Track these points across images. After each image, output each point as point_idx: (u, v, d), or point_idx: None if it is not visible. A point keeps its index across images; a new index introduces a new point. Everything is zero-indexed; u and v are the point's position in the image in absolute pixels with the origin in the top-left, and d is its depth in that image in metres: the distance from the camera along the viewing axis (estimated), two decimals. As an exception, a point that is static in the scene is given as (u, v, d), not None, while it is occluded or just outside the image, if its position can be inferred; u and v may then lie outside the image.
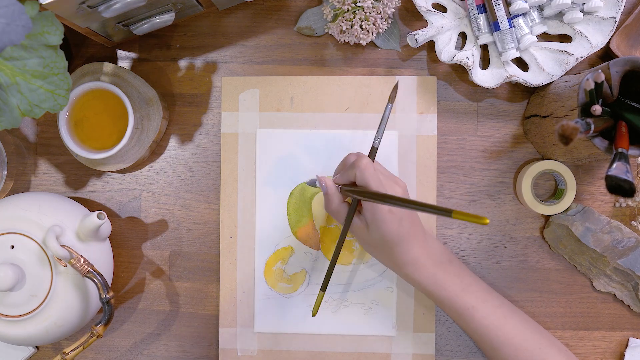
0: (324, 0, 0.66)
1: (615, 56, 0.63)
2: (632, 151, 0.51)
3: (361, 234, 0.57)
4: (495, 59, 0.64)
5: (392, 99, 0.59)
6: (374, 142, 0.59)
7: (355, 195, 0.55)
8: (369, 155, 0.58)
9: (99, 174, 0.68)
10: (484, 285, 0.59)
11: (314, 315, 0.58)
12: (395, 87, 0.60)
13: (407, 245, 0.56)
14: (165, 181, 0.68)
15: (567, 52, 0.62)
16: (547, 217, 0.66)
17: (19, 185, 0.68)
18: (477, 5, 0.63)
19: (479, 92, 0.67)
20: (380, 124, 0.59)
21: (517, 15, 0.62)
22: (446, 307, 0.58)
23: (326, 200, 0.58)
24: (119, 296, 0.68)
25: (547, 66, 0.63)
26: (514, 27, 0.62)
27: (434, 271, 0.57)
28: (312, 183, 0.62)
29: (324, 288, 0.59)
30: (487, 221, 0.38)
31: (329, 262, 0.61)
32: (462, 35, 0.66)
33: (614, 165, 0.48)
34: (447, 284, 0.57)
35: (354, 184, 0.56)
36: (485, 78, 0.64)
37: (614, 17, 0.61)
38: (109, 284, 0.62)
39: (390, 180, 0.56)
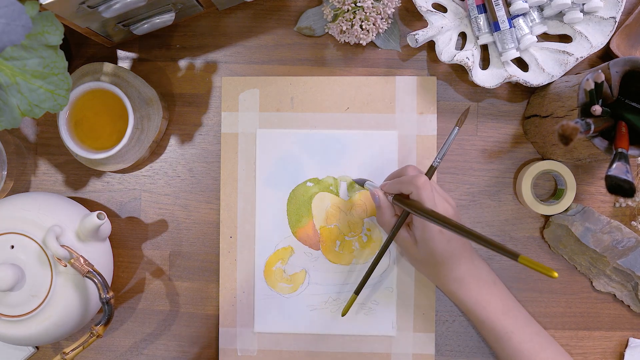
0: (324, 0, 0.66)
1: (615, 56, 0.63)
2: (632, 151, 0.51)
3: (408, 248, 0.58)
4: (495, 59, 0.64)
5: (460, 122, 0.59)
6: (433, 161, 0.59)
7: (411, 211, 0.55)
8: (427, 174, 0.58)
9: (99, 174, 0.68)
10: (524, 311, 0.60)
11: (343, 315, 0.60)
12: (466, 112, 0.60)
13: (453, 264, 0.57)
14: (165, 181, 0.68)
15: (567, 52, 0.62)
16: (547, 217, 0.66)
17: (19, 185, 0.68)
18: (477, 5, 0.63)
19: (479, 92, 0.67)
20: (444, 145, 0.59)
21: (517, 16, 0.62)
22: (485, 329, 0.59)
23: (378, 212, 0.60)
24: (119, 296, 0.68)
25: (547, 66, 0.63)
26: (514, 27, 0.62)
27: (478, 291, 0.58)
28: (360, 182, 0.64)
29: (357, 291, 0.60)
30: (556, 275, 0.38)
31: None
32: (462, 35, 0.66)
33: (614, 165, 0.48)
34: (489, 306, 0.58)
35: (404, 196, 0.57)
36: (485, 78, 0.64)
37: (614, 17, 0.61)
38: (109, 284, 0.62)
39: (443, 201, 0.57)
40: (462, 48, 0.65)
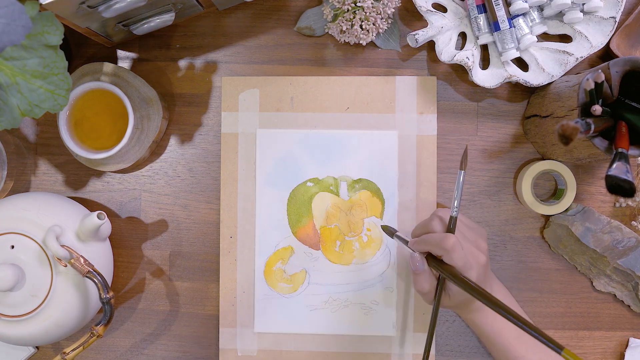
0: (324, 0, 0.66)
1: (615, 56, 0.63)
2: (632, 151, 0.51)
3: (450, 304, 0.57)
4: (495, 59, 0.64)
5: (463, 165, 0.56)
6: (452, 211, 0.55)
7: (450, 278, 0.53)
8: (449, 226, 0.55)
9: (99, 174, 0.68)
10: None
11: None
12: (466, 153, 0.56)
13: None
14: (165, 181, 0.68)
15: (567, 52, 0.62)
16: (547, 217, 0.66)
17: (19, 185, 0.68)
18: (477, 5, 0.63)
19: (479, 92, 0.67)
20: (455, 192, 0.56)
21: (517, 15, 0.62)
22: (498, 352, 0.59)
23: (417, 279, 0.56)
24: (119, 296, 0.68)
25: (547, 66, 0.63)
26: (514, 27, 0.62)
27: (494, 317, 0.58)
28: (389, 233, 0.62)
29: (428, 346, 0.57)
30: None
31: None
32: (462, 35, 0.66)
33: (614, 165, 0.48)
34: (504, 331, 0.58)
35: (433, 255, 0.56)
36: (485, 78, 0.64)
37: (614, 17, 0.61)
38: (109, 284, 0.62)
39: (476, 254, 0.55)
40: (462, 48, 0.65)
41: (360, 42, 0.64)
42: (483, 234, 0.59)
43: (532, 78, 0.63)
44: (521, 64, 0.65)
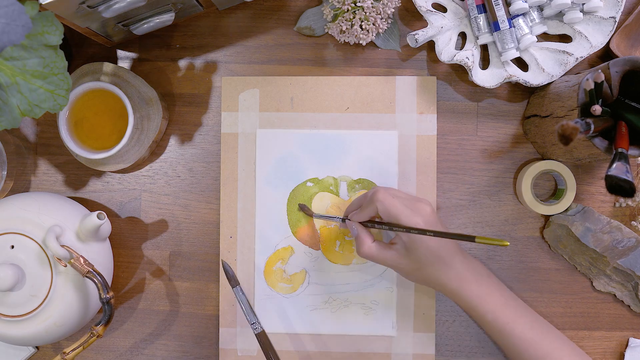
0: (324, 0, 0.66)
1: (615, 56, 0.63)
2: (632, 151, 0.51)
3: (399, 263, 0.58)
4: (495, 59, 0.64)
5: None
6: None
7: (390, 229, 0.56)
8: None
9: (99, 174, 0.68)
10: (519, 300, 0.60)
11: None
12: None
13: (449, 261, 0.57)
14: (165, 181, 0.68)
15: (567, 52, 0.62)
16: (547, 217, 0.66)
17: (19, 185, 0.68)
18: (477, 5, 0.63)
19: (479, 92, 0.67)
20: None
21: (517, 15, 0.62)
22: (487, 323, 0.58)
23: (359, 242, 0.59)
24: (119, 296, 0.68)
25: (547, 66, 0.63)
26: (514, 27, 0.62)
27: (478, 286, 0.58)
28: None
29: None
30: (507, 243, 0.46)
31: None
32: (462, 35, 0.66)
33: (614, 165, 0.48)
34: (490, 298, 0.58)
35: (375, 219, 0.59)
36: (485, 78, 0.64)
37: (614, 17, 0.61)
38: (109, 284, 0.62)
39: (413, 204, 0.57)
40: (462, 48, 0.65)
41: (360, 42, 0.64)
42: (427, 204, 0.58)
43: (532, 78, 0.63)
44: (521, 64, 0.65)
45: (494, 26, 0.62)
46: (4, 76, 0.48)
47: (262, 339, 0.61)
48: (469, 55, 0.63)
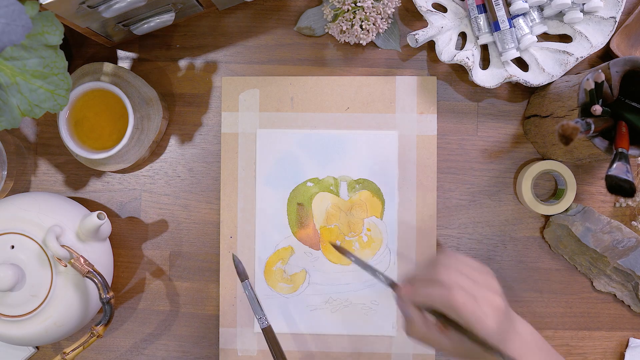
0: (324, 0, 0.66)
1: (615, 56, 0.63)
2: (632, 151, 0.51)
3: (452, 352, 0.49)
4: (495, 59, 0.64)
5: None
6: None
7: (466, 336, 0.46)
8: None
9: (99, 174, 0.68)
10: (554, 352, 0.52)
11: None
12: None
13: (504, 345, 0.48)
14: (165, 181, 0.68)
15: (567, 52, 0.62)
16: (547, 217, 0.66)
17: (19, 185, 0.68)
18: (477, 5, 0.63)
19: (479, 92, 0.67)
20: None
21: (517, 15, 0.62)
22: None
23: (407, 320, 0.50)
24: (119, 296, 0.68)
25: (547, 66, 0.63)
26: (514, 27, 0.62)
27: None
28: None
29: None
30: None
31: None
32: (462, 35, 0.66)
33: (614, 165, 0.48)
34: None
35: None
36: (485, 78, 0.64)
37: (614, 17, 0.61)
38: (109, 284, 0.62)
39: (488, 294, 0.47)
40: (462, 48, 0.65)
41: (360, 42, 0.64)
42: (490, 272, 0.50)
43: (532, 78, 0.63)
44: (521, 64, 0.65)
45: (494, 26, 0.62)
46: (4, 76, 0.48)
47: (269, 333, 0.59)
48: (469, 55, 0.63)
